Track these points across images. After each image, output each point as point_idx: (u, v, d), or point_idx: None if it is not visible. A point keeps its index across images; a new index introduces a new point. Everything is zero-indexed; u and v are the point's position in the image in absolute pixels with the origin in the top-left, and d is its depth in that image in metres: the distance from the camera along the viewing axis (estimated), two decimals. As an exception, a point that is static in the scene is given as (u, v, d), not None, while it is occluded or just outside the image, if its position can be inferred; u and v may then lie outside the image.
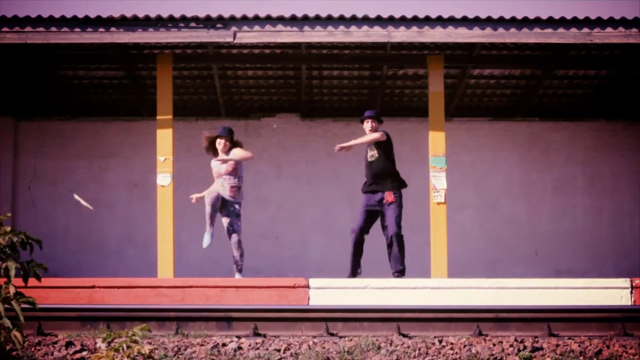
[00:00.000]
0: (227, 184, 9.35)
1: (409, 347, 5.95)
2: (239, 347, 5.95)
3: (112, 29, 9.57)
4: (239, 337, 6.26)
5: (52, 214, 12.63)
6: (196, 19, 9.62)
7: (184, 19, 9.61)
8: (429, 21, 9.60)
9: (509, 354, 5.84)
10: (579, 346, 5.98)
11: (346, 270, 9.31)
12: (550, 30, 9.58)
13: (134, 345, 4.40)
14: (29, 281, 4.46)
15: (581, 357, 5.80)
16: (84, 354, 5.83)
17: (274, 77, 11.89)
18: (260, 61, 10.92)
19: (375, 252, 9.83)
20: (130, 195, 12.73)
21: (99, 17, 9.55)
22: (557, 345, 6.00)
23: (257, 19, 9.60)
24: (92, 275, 10.88)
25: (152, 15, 9.56)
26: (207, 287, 8.39)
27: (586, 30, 9.56)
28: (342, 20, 9.61)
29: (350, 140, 9.49)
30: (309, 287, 8.37)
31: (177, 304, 8.01)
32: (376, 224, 9.33)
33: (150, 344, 5.93)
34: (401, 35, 9.63)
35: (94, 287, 8.37)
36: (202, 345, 6.00)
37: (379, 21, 9.61)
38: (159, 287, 8.43)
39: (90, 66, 11.28)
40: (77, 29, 9.55)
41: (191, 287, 8.42)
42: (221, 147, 9.43)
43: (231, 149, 9.44)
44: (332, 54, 10.78)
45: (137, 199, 12.65)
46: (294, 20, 9.59)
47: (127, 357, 4.41)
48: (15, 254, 4.40)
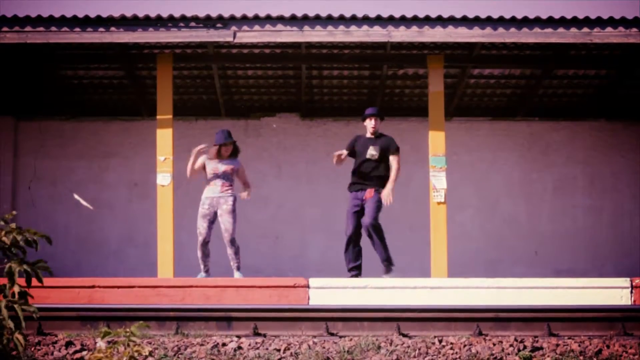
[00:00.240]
0: (220, 181, 9.40)
1: (409, 346, 5.95)
2: (239, 347, 5.95)
3: (112, 28, 9.58)
4: (239, 336, 6.26)
5: (52, 214, 12.63)
6: (196, 18, 9.63)
7: (184, 18, 9.61)
8: (429, 21, 9.61)
9: (509, 354, 5.84)
10: (579, 346, 5.98)
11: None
12: (550, 30, 9.59)
13: (132, 344, 4.39)
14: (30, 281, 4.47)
15: (581, 357, 5.80)
16: (84, 353, 5.83)
17: (274, 76, 11.89)
18: (260, 61, 10.92)
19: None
20: (130, 195, 12.73)
21: (99, 17, 9.56)
22: (557, 345, 6.00)
23: (257, 19, 9.60)
24: (92, 275, 10.87)
25: (152, 15, 9.57)
26: (207, 287, 8.39)
27: (586, 30, 9.56)
28: (342, 20, 9.61)
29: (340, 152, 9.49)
30: (308, 286, 8.37)
31: (177, 304, 8.00)
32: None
33: (150, 343, 5.94)
34: (401, 35, 9.63)
35: (94, 286, 8.37)
36: (202, 345, 6.00)
37: (379, 21, 9.61)
38: (159, 287, 8.43)
39: (90, 66, 11.29)
40: (77, 29, 9.55)
41: (191, 286, 8.42)
42: (226, 153, 9.52)
43: (232, 153, 9.54)
44: (332, 53, 10.78)
45: (137, 199, 12.65)
46: (294, 20, 9.59)
47: (126, 356, 4.40)
48: (20, 252, 4.40)
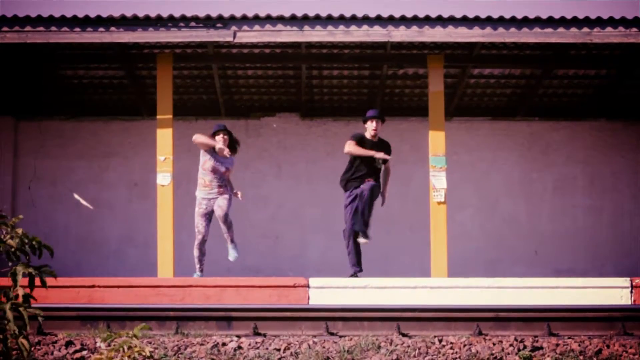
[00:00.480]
0: (215, 184, 9.32)
1: (409, 346, 5.95)
2: (239, 347, 5.95)
3: (112, 28, 9.58)
4: (239, 336, 6.26)
5: (52, 214, 12.63)
6: (196, 18, 9.63)
7: (184, 18, 9.62)
8: (429, 21, 9.61)
9: (509, 354, 5.84)
10: (579, 345, 5.98)
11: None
12: (550, 29, 9.59)
13: (134, 346, 4.39)
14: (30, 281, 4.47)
15: (581, 357, 5.80)
16: (84, 353, 5.83)
17: (274, 76, 11.89)
18: (260, 61, 10.93)
19: (375, 252, 9.84)
20: (130, 195, 12.73)
21: (99, 17, 9.56)
22: (557, 344, 6.00)
23: (257, 19, 9.61)
24: (92, 275, 10.87)
25: (152, 15, 9.58)
26: (207, 287, 8.40)
27: (586, 29, 9.56)
28: (342, 19, 9.61)
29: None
30: (308, 286, 8.37)
31: (177, 304, 8.01)
32: (376, 226, 9.34)
33: (150, 343, 5.94)
34: (401, 34, 9.63)
35: (94, 286, 8.37)
36: (202, 344, 6.00)
37: (379, 21, 9.62)
38: (159, 286, 8.43)
39: (90, 66, 11.29)
40: (77, 29, 9.55)
41: (191, 286, 8.42)
42: (223, 142, 9.36)
43: (229, 146, 9.43)
44: (332, 53, 10.78)
45: (137, 198, 12.65)
46: (293, 19, 9.59)
47: (128, 357, 4.40)
48: (25, 257, 4.41)
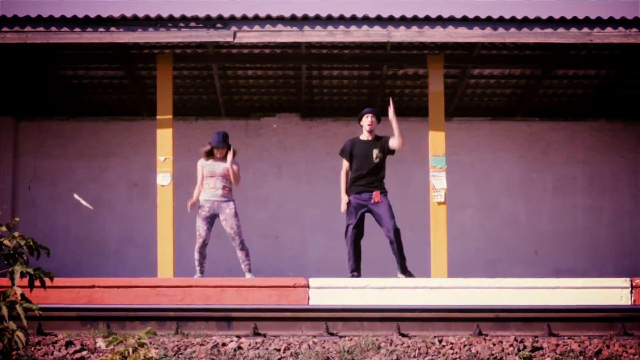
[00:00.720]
0: (220, 184, 9.34)
1: (408, 346, 5.95)
2: (239, 347, 5.95)
3: (112, 28, 9.58)
4: (238, 336, 6.26)
5: (52, 214, 12.63)
6: (196, 18, 9.63)
7: (184, 18, 9.61)
8: (429, 21, 9.61)
9: (509, 354, 5.84)
10: (579, 346, 5.98)
11: (346, 270, 9.28)
12: (550, 30, 9.59)
13: (140, 348, 4.38)
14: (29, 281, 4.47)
15: (581, 357, 5.80)
16: (84, 353, 5.83)
17: (274, 77, 11.89)
18: (260, 61, 10.92)
19: (375, 252, 9.83)
20: (130, 195, 12.73)
21: (99, 17, 9.56)
22: (557, 345, 6.00)
23: (257, 19, 9.60)
24: (92, 275, 10.87)
25: (152, 15, 9.57)
26: (207, 287, 8.39)
27: (586, 30, 9.56)
28: (342, 20, 9.61)
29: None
30: (308, 286, 8.37)
31: (177, 304, 8.00)
32: (377, 225, 9.32)
33: (150, 343, 5.94)
34: (401, 35, 9.63)
35: (94, 287, 8.37)
36: (202, 345, 6.00)
37: (379, 21, 9.62)
38: (159, 286, 8.42)
39: (90, 66, 11.29)
40: (77, 29, 9.55)
41: (191, 286, 8.42)
42: (219, 154, 9.43)
43: (227, 153, 9.44)
44: (332, 53, 10.78)
45: (137, 199, 12.65)
46: (293, 20, 9.59)
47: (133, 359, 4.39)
48: (22, 258, 4.41)
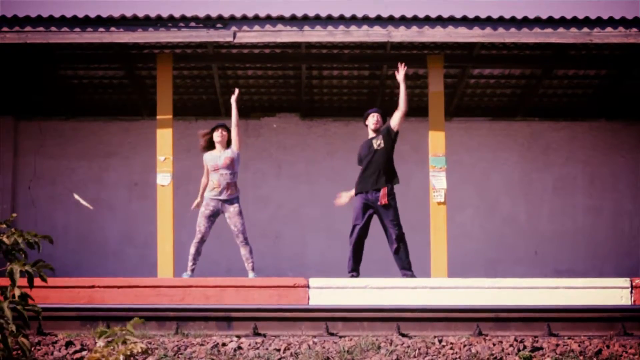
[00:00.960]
0: (224, 180, 9.25)
1: (408, 346, 5.95)
2: (239, 347, 5.94)
3: (112, 28, 9.58)
4: (238, 336, 6.26)
5: (52, 214, 12.63)
6: (196, 18, 9.63)
7: (183, 18, 9.62)
8: (428, 21, 9.61)
9: (508, 354, 5.84)
10: (579, 346, 5.98)
11: (346, 270, 9.27)
12: (550, 30, 9.59)
13: (129, 341, 4.37)
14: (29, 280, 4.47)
15: (581, 357, 5.80)
16: (84, 353, 5.83)
17: (274, 77, 11.90)
18: (260, 61, 10.92)
19: (375, 252, 9.83)
20: (130, 195, 12.73)
21: (98, 17, 9.56)
22: (557, 345, 6.00)
23: (257, 19, 9.61)
24: (92, 275, 10.87)
25: (152, 15, 9.58)
26: (207, 287, 8.39)
27: (586, 30, 9.56)
28: (342, 20, 9.61)
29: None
30: (308, 286, 8.36)
31: (177, 304, 8.00)
32: (377, 225, 9.31)
33: (150, 343, 5.94)
34: (401, 35, 9.63)
35: (93, 286, 8.37)
36: (202, 345, 6.00)
37: (379, 21, 9.62)
38: (158, 286, 8.42)
39: (90, 66, 11.29)
40: (77, 29, 9.56)
41: (191, 286, 8.41)
42: (219, 138, 9.32)
43: (229, 141, 9.37)
44: (332, 53, 10.78)
45: (137, 199, 12.65)
46: (293, 20, 9.59)
47: (122, 354, 4.38)
48: (21, 255, 4.40)
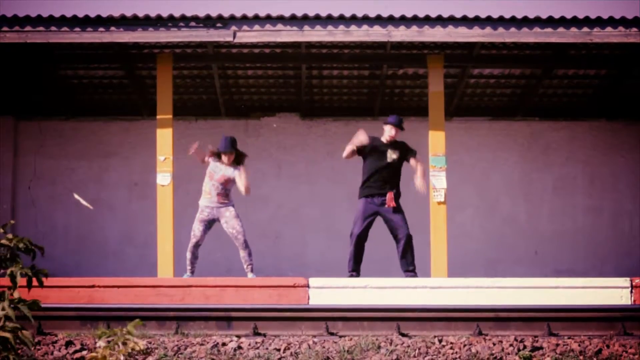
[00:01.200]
0: (215, 191, 9.27)
1: (408, 346, 5.95)
2: (239, 347, 5.94)
3: (112, 28, 9.58)
4: (238, 336, 6.26)
5: (52, 214, 12.63)
6: (196, 18, 9.63)
7: (183, 18, 9.62)
8: (428, 21, 9.61)
9: (508, 354, 5.84)
10: (579, 345, 5.98)
11: (346, 270, 9.27)
12: (550, 29, 9.59)
13: (129, 341, 4.38)
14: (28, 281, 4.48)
15: (581, 357, 5.80)
16: (84, 353, 5.83)
17: (274, 76, 11.89)
18: (260, 61, 10.92)
19: (375, 252, 9.82)
20: (130, 195, 12.73)
21: (98, 17, 9.56)
22: (557, 344, 6.00)
23: (257, 19, 9.61)
24: (92, 275, 10.86)
25: (152, 14, 9.57)
26: (207, 287, 8.39)
27: (586, 29, 9.56)
28: (342, 19, 9.61)
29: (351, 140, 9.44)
30: (308, 286, 8.36)
31: (176, 304, 8.00)
32: (378, 225, 9.32)
33: (150, 343, 5.94)
34: (401, 34, 9.63)
35: (93, 286, 8.37)
36: (202, 344, 6.00)
37: (379, 20, 9.62)
38: (158, 286, 8.42)
39: (90, 66, 11.29)
40: (77, 29, 9.55)
41: (191, 286, 8.41)
42: (227, 160, 9.37)
43: (236, 159, 9.37)
44: (332, 53, 10.78)
45: (137, 199, 12.65)
46: (293, 19, 9.59)
47: (122, 354, 4.38)
48: (18, 259, 4.42)
